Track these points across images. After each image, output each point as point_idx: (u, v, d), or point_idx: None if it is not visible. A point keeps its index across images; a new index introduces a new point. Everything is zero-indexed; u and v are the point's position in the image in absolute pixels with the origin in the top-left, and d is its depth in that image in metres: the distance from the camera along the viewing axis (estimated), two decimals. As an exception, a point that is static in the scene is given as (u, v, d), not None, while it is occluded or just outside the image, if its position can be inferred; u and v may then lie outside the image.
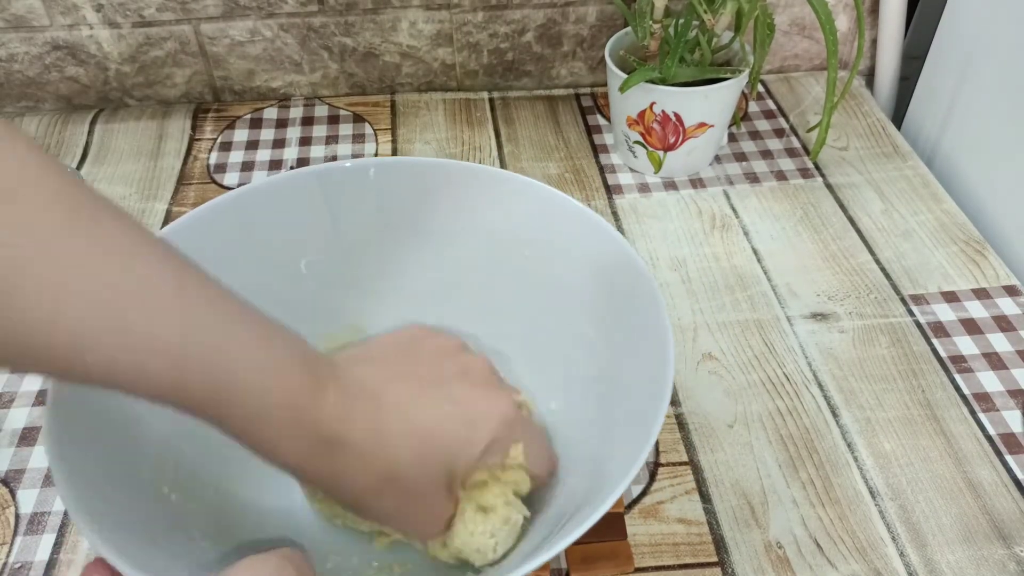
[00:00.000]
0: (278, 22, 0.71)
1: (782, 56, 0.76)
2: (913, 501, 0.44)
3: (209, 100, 0.75)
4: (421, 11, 0.71)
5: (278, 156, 0.69)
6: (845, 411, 0.49)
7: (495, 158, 0.68)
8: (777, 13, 0.73)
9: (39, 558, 0.43)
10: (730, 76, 0.60)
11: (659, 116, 0.61)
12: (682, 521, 0.44)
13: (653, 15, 0.61)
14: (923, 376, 0.50)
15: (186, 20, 0.70)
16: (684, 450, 0.47)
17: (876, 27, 0.73)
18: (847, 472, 0.46)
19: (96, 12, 0.69)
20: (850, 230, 0.61)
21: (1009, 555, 0.42)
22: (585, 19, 0.72)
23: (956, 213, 0.62)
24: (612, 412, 0.40)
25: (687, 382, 0.51)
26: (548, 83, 0.76)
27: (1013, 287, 0.56)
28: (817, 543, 0.43)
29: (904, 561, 0.42)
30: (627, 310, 0.41)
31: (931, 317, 0.54)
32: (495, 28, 0.72)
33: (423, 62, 0.74)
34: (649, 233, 0.61)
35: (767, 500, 0.45)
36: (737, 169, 0.67)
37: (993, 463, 0.46)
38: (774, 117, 0.72)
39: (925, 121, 0.70)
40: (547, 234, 0.45)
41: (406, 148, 0.70)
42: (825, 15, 0.54)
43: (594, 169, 0.67)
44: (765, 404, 0.49)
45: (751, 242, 0.60)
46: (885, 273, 0.57)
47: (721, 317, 0.54)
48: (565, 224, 0.44)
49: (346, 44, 0.72)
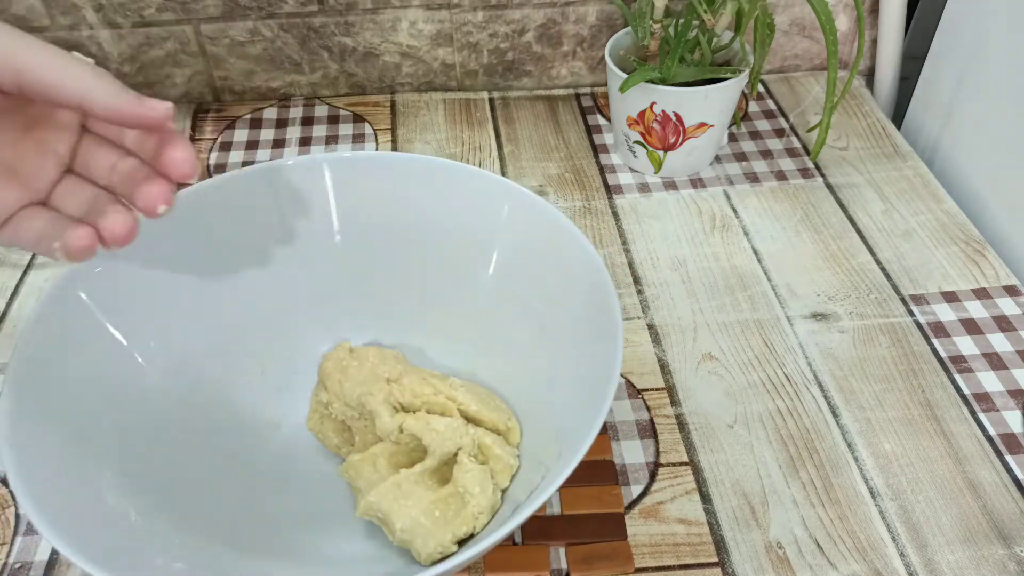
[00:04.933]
0: (278, 22, 0.71)
1: (782, 56, 0.76)
2: (913, 501, 0.44)
3: (209, 100, 0.75)
4: (421, 11, 0.71)
5: (278, 156, 0.69)
6: (845, 411, 0.49)
7: (495, 158, 0.68)
8: (777, 13, 0.73)
9: (39, 558, 0.43)
10: (730, 76, 0.60)
11: (659, 116, 0.61)
12: (682, 521, 0.44)
13: (653, 15, 0.61)
14: (923, 376, 0.50)
15: (186, 20, 0.70)
16: (684, 450, 0.47)
17: (876, 27, 0.73)
18: (847, 472, 0.46)
19: (96, 12, 0.69)
20: (850, 230, 0.61)
21: (1009, 555, 0.42)
22: (585, 19, 0.72)
23: (956, 213, 0.62)
24: (567, 382, 0.42)
25: (687, 382, 0.51)
26: (548, 83, 0.76)
27: (1013, 287, 0.56)
28: (817, 543, 0.43)
29: (904, 561, 0.42)
30: (566, 271, 0.43)
31: (931, 317, 0.54)
32: (495, 28, 0.72)
33: (423, 62, 0.74)
34: (649, 233, 0.61)
35: (767, 500, 0.45)
36: (737, 169, 0.67)
37: (993, 463, 0.46)
38: (774, 117, 0.72)
39: (925, 121, 0.70)
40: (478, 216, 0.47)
41: (406, 148, 0.70)
42: (825, 15, 0.54)
43: (594, 169, 0.67)
44: (765, 404, 0.49)
45: (751, 242, 0.60)
46: (885, 273, 0.57)
47: (721, 317, 0.54)
48: (503, 207, 0.46)
49: (346, 44, 0.72)
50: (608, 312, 0.39)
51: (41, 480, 0.33)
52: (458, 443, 0.41)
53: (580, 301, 0.42)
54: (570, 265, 0.43)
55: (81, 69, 0.30)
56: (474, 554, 0.33)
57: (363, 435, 0.44)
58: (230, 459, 0.44)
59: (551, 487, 0.33)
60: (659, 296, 0.56)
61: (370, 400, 0.42)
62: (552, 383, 0.43)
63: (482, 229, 0.46)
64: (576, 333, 0.42)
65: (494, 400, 0.44)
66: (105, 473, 0.37)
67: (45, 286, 0.57)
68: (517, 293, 0.46)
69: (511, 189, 0.45)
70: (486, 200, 0.46)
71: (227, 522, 0.41)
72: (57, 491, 0.34)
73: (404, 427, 0.41)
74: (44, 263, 0.59)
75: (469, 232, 0.47)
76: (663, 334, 0.53)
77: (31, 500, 0.32)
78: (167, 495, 0.39)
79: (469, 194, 0.46)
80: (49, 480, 0.34)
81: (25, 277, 0.58)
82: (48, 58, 0.29)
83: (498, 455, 0.41)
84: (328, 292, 0.48)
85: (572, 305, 0.43)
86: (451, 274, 0.48)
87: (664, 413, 0.49)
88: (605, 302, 0.39)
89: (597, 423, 0.34)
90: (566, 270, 0.43)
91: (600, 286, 0.40)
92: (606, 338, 0.38)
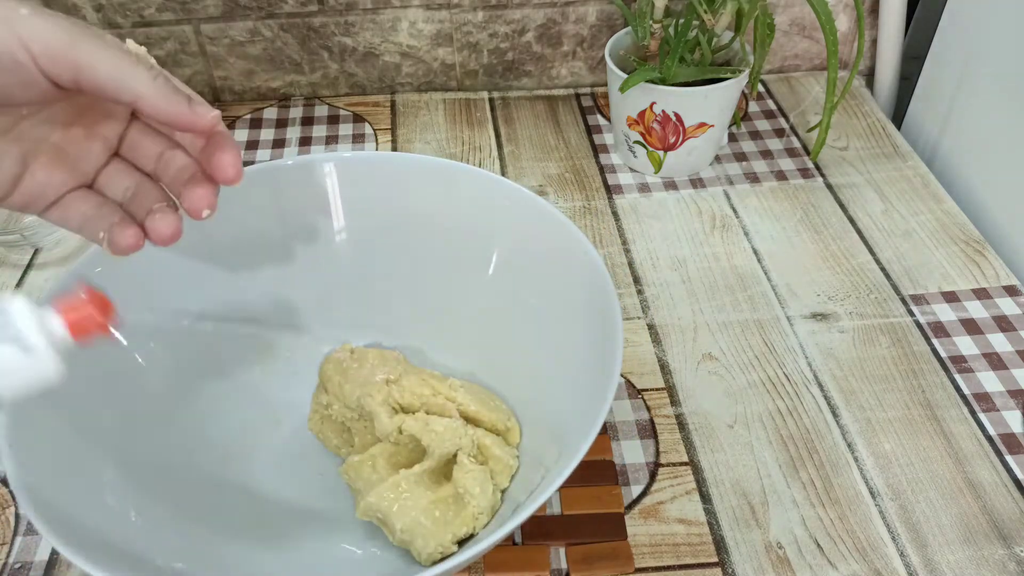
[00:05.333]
0: (278, 22, 0.71)
1: (782, 56, 0.76)
2: (913, 501, 0.44)
3: (209, 100, 0.75)
4: (421, 11, 0.71)
5: (278, 156, 0.69)
6: (845, 411, 0.49)
7: (495, 158, 0.68)
8: (777, 13, 0.73)
9: (39, 558, 0.43)
10: (730, 76, 0.60)
11: (659, 116, 0.61)
12: (682, 521, 0.44)
13: (653, 15, 0.61)
14: (923, 376, 0.50)
15: (186, 20, 0.70)
16: (684, 450, 0.47)
17: (876, 27, 0.73)
18: (847, 472, 0.46)
19: (96, 12, 0.69)
20: (850, 230, 0.61)
21: (1009, 555, 0.42)
22: (585, 19, 0.72)
23: (956, 213, 0.62)
24: (567, 381, 0.42)
25: (687, 382, 0.51)
26: (548, 83, 0.76)
27: (1013, 287, 0.56)
28: (817, 543, 0.43)
29: (904, 561, 0.42)
30: (567, 275, 0.43)
31: (931, 317, 0.54)
32: (495, 28, 0.72)
33: (423, 62, 0.74)
34: (649, 233, 0.61)
35: (767, 500, 0.45)
36: (737, 169, 0.67)
37: (993, 463, 0.46)
38: (774, 117, 0.72)
39: (925, 121, 0.70)
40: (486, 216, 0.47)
41: (406, 148, 0.70)
42: (825, 15, 0.54)
43: (594, 169, 0.67)
44: (765, 404, 0.49)
45: (751, 242, 0.60)
46: (885, 273, 0.57)
47: (721, 317, 0.54)
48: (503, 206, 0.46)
49: (346, 44, 0.72)
50: (608, 312, 0.39)
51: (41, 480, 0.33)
52: (457, 444, 0.41)
53: (580, 301, 0.42)
54: (570, 265, 0.43)
55: (136, 71, 0.30)
56: (474, 554, 0.33)
57: (362, 436, 0.44)
58: (230, 459, 0.44)
59: (551, 487, 0.33)
60: (659, 296, 0.56)
61: (369, 401, 0.42)
62: (552, 383, 0.43)
63: (482, 229, 0.46)
64: (576, 333, 0.42)
65: (494, 400, 0.44)
66: (105, 473, 0.37)
67: (45, 286, 0.58)
68: (517, 293, 0.46)
69: (511, 189, 0.45)
70: (486, 200, 0.46)
71: (227, 522, 0.41)
72: (57, 491, 0.34)
73: (403, 428, 0.41)
74: (44, 263, 0.59)
75: (469, 232, 0.47)
76: (663, 334, 0.53)
77: (31, 500, 0.32)
78: (167, 495, 0.39)
79: (469, 194, 0.46)
80: (49, 480, 0.34)
81: (25, 277, 0.58)
82: (105, 57, 0.30)
83: (497, 456, 0.41)
84: (328, 292, 0.48)
85: (572, 305, 0.43)
86: (451, 274, 0.48)
87: (664, 413, 0.49)
88: (605, 302, 0.39)
89: (597, 423, 0.34)
90: (566, 270, 0.43)
91: (600, 286, 0.40)
92: (606, 338, 0.38)
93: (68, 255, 0.60)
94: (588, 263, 0.41)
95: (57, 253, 0.60)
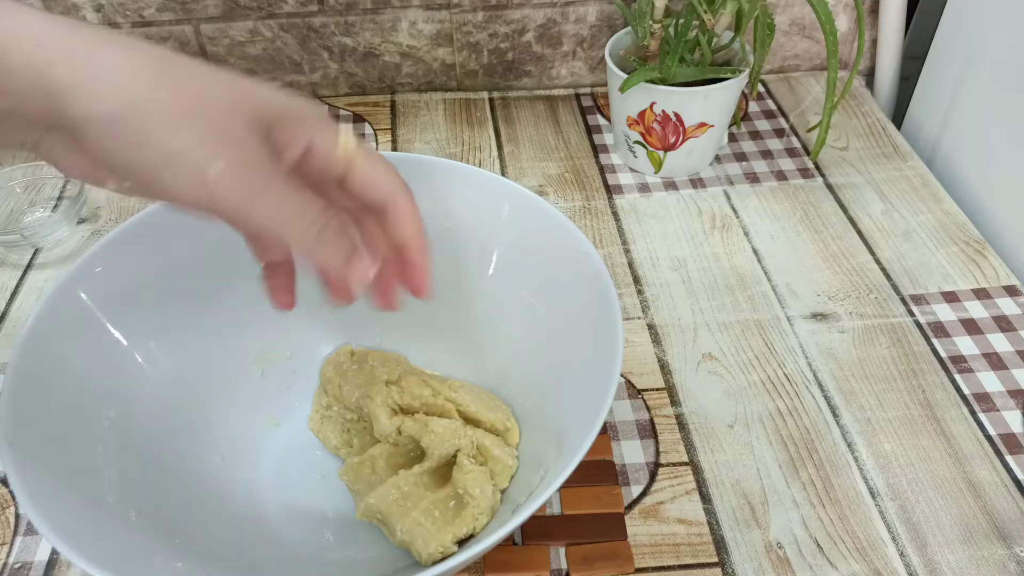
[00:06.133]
0: (278, 22, 0.71)
1: (782, 56, 0.76)
2: (913, 501, 0.44)
3: (209, 100, 0.75)
4: (421, 11, 0.71)
5: (278, 156, 0.69)
6: (845, 411, 0.49)
7: (495, 158, 0.68)
8: (777, 13, 0.73)
9: (39, 558, 0.43)
10: (730, 76, 0.60)
11: (659, 116, 0.61)
12: (682, 521, 0.44)
13: (653, 15, 0.61)
14: (923, 376, 0.50)
15: (186, 20, 0.70)
16: (684, 450, 0.47)
17: (876, 27, 0.73)
18: (847, 472, 0.46)
19: (96, 12, 0.69)
20: (850, 230, 0.61)
21: (1009, 555, 0.42)
22: (585, 19, 0.72)
23: (956, 213, 0.62)
24: (567, 383, 0.42)
25: (687, 382, 0.51)
26: (548, 83, 0.76)
27: (1013, 287, 0.56)
28: (817, 543, 0.43)
29: (904, 561, 0.42)
30: (568, 272, 0.43)
31: (931, 317, 0.54)
32: (495, 28, 0.72)
33: (423, 62, 0.74)
34: (649, 233, 0.61)
35: (767, 500, 0.45)
36: (737, 169, 0.67)
37: (993, 463, 0.46)
38: (774, 117, 0.72)
39: (925, 121, 0.70)
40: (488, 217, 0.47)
41: (406, 148, 0.70)
42: (825, 15, 0.54)
43: (594, 169, 0.67)
44: (765, 404, 0.49)
45: (751, 242, 0.60)
46: (885, 273, 0.57)
47: (721, 317, 0.54)
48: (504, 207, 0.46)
49: (346, 44, 0.72)
50: (608, 312, 0.39)
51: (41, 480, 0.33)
52: (456, 444, 0.41)
53: (580, 301, 0.42)
54: (570, 265, 0.43)
55: (297, 225, 0.31)
56: (474, 554, 0.33)
57: (362, 437, 0.44)
58: (230, 459, 0.44)
59: (551, 487, 0.33)
60: (659, 296, 0.56)
61: (368, 403, 0.42)
62: (552, 383, 0.43)
63: (482, 229, 0.46)
64: (576, 333, 0.42)
65: (493, 400, 0.44)
66: (105, 473, 0.37)
67: (45, 286, 0.58)
68: (517, 293, 0.46)
69: (511, 189, 0.45)
70: (486, 200, 0.46)
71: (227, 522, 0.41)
72: (57, 491, 0.34)
73: (402, 429, 0.41)
74: (44, 263, 0.59)
75: (469, 232, 0.47)
76: (663, 334, 0.53)
77: (31, 500, 0.32)
78: (167, 495, 0.39)
79: (469, 194, 0.46)
80: (49, 480, 0.34)
81: (25, 277, 0.58)
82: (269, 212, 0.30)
83: (497, 456, 0.41)
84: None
85: (572, 305, 0.42)
86: (451, 274, 0.48)
87: (664, 413, 0.49)
88: (605, 302, 0.39)
89: (597, 423, 0.34)
90: (566, 270, 0.43)
91: (600, 286, 0.40)
92: (606, 338, 0.38)
93: (68, 255, 0.60)
94: (588, 263, 0.41)
95: (57, 253, 0.60)
